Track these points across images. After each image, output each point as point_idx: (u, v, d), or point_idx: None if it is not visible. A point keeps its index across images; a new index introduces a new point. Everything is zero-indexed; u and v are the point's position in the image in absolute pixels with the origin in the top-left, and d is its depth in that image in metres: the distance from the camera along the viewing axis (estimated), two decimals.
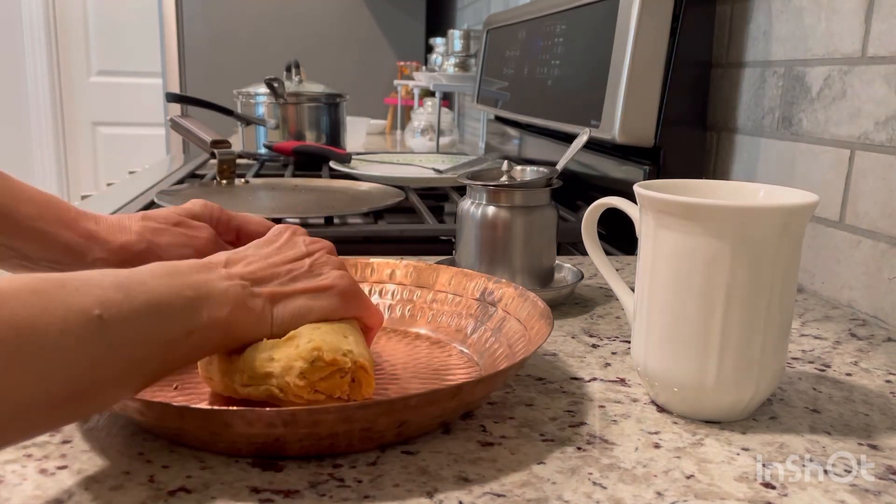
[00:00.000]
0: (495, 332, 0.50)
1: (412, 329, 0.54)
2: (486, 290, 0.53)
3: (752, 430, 0.41)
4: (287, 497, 0.33)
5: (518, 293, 0.51)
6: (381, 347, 0.51)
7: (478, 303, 0.53)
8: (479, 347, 0.50)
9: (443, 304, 0.54)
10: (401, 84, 2.36)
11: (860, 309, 0.62)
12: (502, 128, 1.50)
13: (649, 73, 0.81)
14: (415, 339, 0.53)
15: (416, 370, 0.48)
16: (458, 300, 0.54)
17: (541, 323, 0.46)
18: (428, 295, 0.55)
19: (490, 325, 0.51)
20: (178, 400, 0.43)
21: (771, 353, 0.41)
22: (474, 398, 0.40)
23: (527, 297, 0.50)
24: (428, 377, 0.47)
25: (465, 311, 0.53)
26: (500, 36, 1.40)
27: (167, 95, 1.62)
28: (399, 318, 0.55)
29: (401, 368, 0.48)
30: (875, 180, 0.61)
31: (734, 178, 0.81)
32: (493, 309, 0.51)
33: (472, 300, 0.53)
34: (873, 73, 0.61)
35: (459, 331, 0.52)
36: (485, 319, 0.51)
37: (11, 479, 0.34)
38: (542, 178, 0.63)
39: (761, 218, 0.39)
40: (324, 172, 1.36)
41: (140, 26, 3.20)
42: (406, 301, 0.56)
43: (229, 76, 2.26)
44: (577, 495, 0.34)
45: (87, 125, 3.39)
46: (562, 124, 1.01)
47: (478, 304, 0.53)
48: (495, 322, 0.50)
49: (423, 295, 0.55)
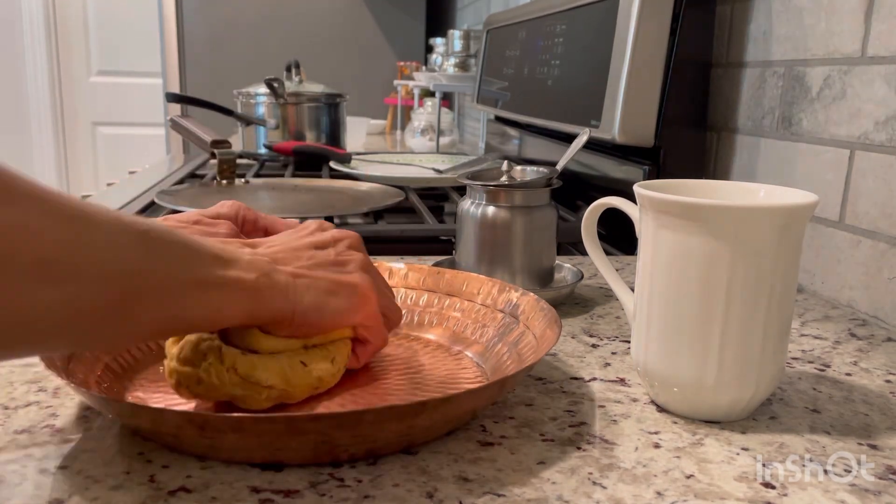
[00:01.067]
0: (511, 346, 0.48)
1: (426, 335, 0.53)
2: (510, 301, 0.51)
3: (752, 430, 0.41)
4: (287, 497, 0.33)
5: (538, 306, 0.49)
6: (393, 351, 0.50)
7: (502, 314, 0.51)
8: (496, 362, 0.48)
9: (468, 312, 0.53)
10: (401, 84, 2.36)
11: (860, 309, 0.62)
12: (502, 128, 1.50)
13: (649, 73, 0.81)
14: (426, 345, 0.52)
15: (423, 378, 0.47)
16: (484, 311, 0.52)
17: (548, 336, 0.45)
18: (455, 303, 0.54)
19: (509, 338, 0.49)
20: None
21: (771, 353, 0.41)
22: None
23: (546, 311, 0.48)
24: (434, 387, 0.46)
25: (489, 321, 0.52)
26: (500, 36, 1.40)
27: (167, 95, 1.62)
28: (415, 324, 0.54)
29: (406, 375, 0.47)
30: (875, 180, 0.61)
31: (734, 178, 0.81)
32: (515, 322, 0.50)
33: (497, 312, 0.52)
34: (873, 73, 0.61)
35: (478, 342, 0.51)
36: (505, 332, 0.50)
37: (11, 479, 0.34)
38: (542, 178, 0.63)
39: (761, 218, 0.39)
40: (324, 172, 1.36)
41: (140, 26, 3.20)
42: (426, 306, 0.55)
43: (229, 76, 2.26)
44: (577, 495, 0.34)
45: (87, 125, 3.39)
46: (562, 124, 1.01)
47: (502, 316, 0.51)
48: (514, 336, 0.49)
49: (452, 303, 0.54)
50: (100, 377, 0.43)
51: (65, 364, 0.41)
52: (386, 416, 0.35)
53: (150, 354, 0.47)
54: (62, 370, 0.40)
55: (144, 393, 0.43)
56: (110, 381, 0.43)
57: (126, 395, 0.43)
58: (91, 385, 0.41)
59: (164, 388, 0.43)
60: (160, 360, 0.45)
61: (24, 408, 0.41)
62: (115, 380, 0.44)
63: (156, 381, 0.45)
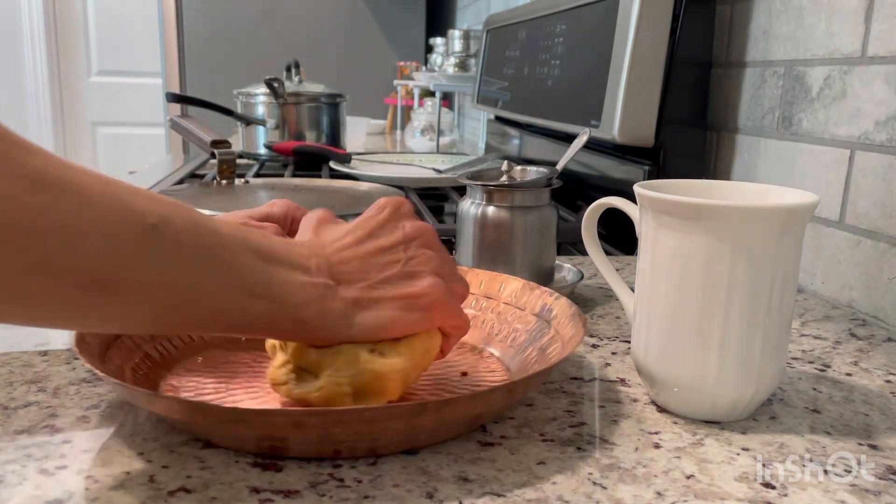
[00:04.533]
0: (540, 351, 0.47)
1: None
2: (545, 306, 0.51)
3: (752, 430, 0.41)
4: (287, 497, 0.33)
5: (570, 312, 0.48)
6: None
7: (536, 318, 0.51)
8: (523, 366, 0.48)
9: (504, 315, 0.52)
10: (401, 84, 2.36)
11: (860, 309, 0.62)
12: (502, 128, 1.50)
13: (649, 73, 0.81)
14: (458, 346, 0.51)
15: (447, 377, 0.47)
16: (520, 314, 0.52)
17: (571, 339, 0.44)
18: (493, 305, 0.53)
19: (539, 343, 0.48)
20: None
21: (771, 353, 0.41)
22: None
23: (575, 317, 0.47)
24: (458, 387, 0.46)
25: (522, 325, 0.51)
26: (500, 36, 1.40)
27: (167, 95, 1.62)
28: None
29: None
30: (875, 180, 0.61)
31: (734, 178, 0.81)
32: (547, 327, 0.49)
33: (531, 315, 0.51)
34: (873, 73, 0.61)
35: (511, 346, 0.50)
36: (538, 337, 0.49)
37: (11, 479, 0.34)
38: (542, 178, 0.63)
39: (761, 218, 0.39)
40: (324, 172, 1.36)
41: (140, 26, 3.20)
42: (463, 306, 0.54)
43: (229, 76, 2.25)
44: (577, 495, 0.34)
45: (87, 125, 3.39)
46: (562, 124, 1.01)
47: (536, 320, 0.50)
48: (545, 341, 0.48)
49: (489, 305, 0.54)
50: (136, 365, 0.44)
51: (102, 352, 0.41)
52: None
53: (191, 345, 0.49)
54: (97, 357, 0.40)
55: (178, 382, 0.44)
56: (147, 369, 0.44)
57: (161, 385, 0.44)
58: (126, 374, 0.42)
59: (199, 376, 0.45)
60: (198, 351, 0.48)
61: (24, 408, 0.41)
62: (153, 368, 0.45)
63: (192, 369, 0.46)
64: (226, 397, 0.43)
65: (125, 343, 0.44)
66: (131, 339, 0.45)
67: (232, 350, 0.49)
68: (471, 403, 0.37)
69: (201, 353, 0.48)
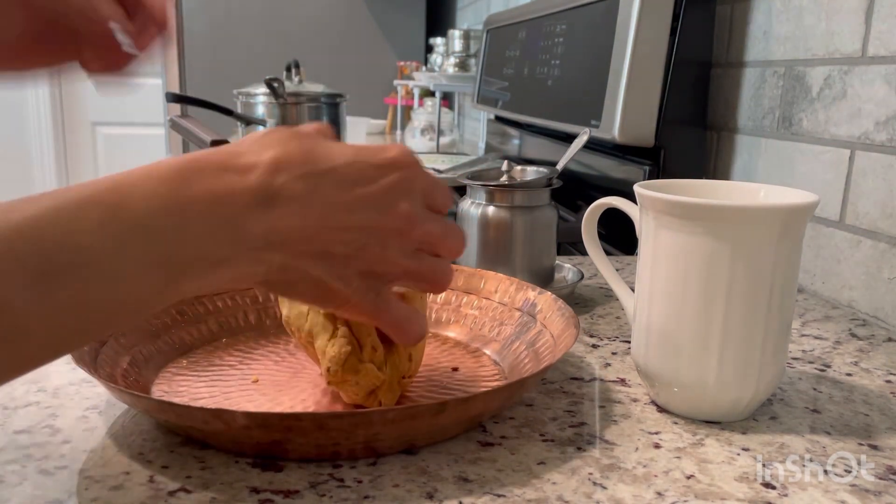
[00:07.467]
0: (529, 345, 0.48)
1: (445, 333, 0.53)
2: (527, 300, 0.51)
3: (753, 430, 0.41)
4: (287, 497, 0.33)
5: (557, 306, 0.49)
6: None
7: (520, 313, 0.51)
8: (514, 361, 0.48)
9: (486, 311, 0.53)
10: (401, 84, 2.36)
11: (860, 309, 0.62)
12: (502, 128, 1.50)
13: (649, 73, 0.81)
14: (444, 342, 0.52)
15: (439, 376, 0.47)
16: (502, 309, 0.52)
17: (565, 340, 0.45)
18: (473, 301, 0.54)
19: (526, 337, 0.49)
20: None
21: (771, 353, 0.41)
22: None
23: (563, 310, 0.48)
24: (453, 386, 0.46)
25: (507, 320, 0.52)
26: (500, 36, 1.40)
27: (167, 95, 1.62)
28: (433, 321, 0.54)
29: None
30: (875, 180, 0.61)
31: (734, 178, 0.81)
32: (532, 321, 0.50)
33: (514, 310, 0.52)
34: (873, 73, 0.61)
35: (496, 340, 0.51)
36: (523, 331, 0.50)
37: (11, 479, 0.34)
38: (542, 178, 0.63)
39: (761, 218, 0.39)
40: None
41: None
42: (444, 304, 0.55)
43: (229, 76, 2.25)
44: (577, 495, 0.34)
45: (87, 125, 3.39)
46: (562, 124, 1.01)
47: (519, 315, 0.51)
48: (532, 335, 0.49)
49: (469, 300, 0.54)
50: (125, 370, 0.43)
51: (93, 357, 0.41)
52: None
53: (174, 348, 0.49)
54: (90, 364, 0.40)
55: (169, 386, 0.44)
56: (135, 374, 0.44)
57: (152, 389, 0.44)
58: (117, 378, 0.42)
59: (189, 379, 0.45)
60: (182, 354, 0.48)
61: (24, 408, 0.41)
62: (140, 372, 0.45)
63: (179, 373, 0.46)
64: (222, 401, 0.43)
65: (112, 347, 0.44)
66: (117, 341, 0.44)
67: (214, 352, 0.49)
68: (471, 403, 0.38)
69: (185, 356, 0.48)
